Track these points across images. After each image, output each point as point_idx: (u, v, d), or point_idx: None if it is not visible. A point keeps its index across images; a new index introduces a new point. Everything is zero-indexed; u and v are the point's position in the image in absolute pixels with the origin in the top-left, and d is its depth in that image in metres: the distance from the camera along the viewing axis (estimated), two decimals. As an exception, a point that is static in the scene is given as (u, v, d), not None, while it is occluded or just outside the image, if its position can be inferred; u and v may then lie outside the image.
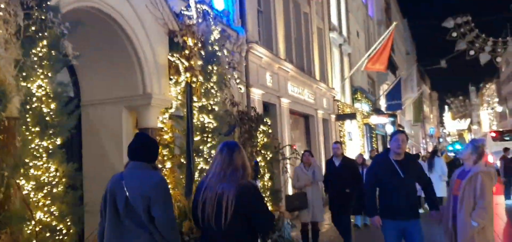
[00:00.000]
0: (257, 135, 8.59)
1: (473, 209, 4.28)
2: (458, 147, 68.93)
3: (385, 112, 25.05)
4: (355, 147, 19.91)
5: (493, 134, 30.18)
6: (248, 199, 2.79)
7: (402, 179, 4.72)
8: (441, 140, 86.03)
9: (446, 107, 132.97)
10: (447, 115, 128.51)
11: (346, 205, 7.28)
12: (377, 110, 25.22)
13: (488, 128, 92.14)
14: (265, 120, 8.69)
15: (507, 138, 27.52)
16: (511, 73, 72.05)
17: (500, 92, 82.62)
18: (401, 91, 26.16)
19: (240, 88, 8.02)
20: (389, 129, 30.89)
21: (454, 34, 31.82)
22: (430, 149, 62.78)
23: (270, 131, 8.93)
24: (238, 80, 7.65)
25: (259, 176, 7.79)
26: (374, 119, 21.07)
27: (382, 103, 29.71)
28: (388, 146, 5.07)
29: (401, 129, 22.41)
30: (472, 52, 31.23)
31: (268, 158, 8.65)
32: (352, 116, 17.30)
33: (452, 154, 44.93)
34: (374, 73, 30.70)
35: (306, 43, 15.07)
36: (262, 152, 8.36)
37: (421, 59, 72.46)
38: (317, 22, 16.52)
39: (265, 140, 8.63)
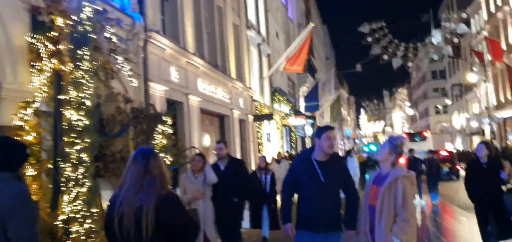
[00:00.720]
0: (156, 136, 7.56)
1: (394, 222, 3.55)
2: (372, 147, 72.94)
3: (304, 113, 25.00)
4: (274, 148, 19.46)
5: (404, 135, 32.37)
6: (169, 211, 2.59)
7: (322, 183, 3.93)
8: (357, 141, 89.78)
9: (362, 110, 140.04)
10: (363, 118, 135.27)
11: (233, 218, 5.95)
12: (296, 112, 25.10)
13: (400, 129, 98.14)
14: (164, 119, 7.68)
15: (417, 139, 30.05)
16: (421, 79, 77.05)
17: (411, 97, 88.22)
18: (319, 93, 26.32)
19: (132, 81, 6.89)
20: (309, 131, 31.14)
21: (369, 39, 32.85)
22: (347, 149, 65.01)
23: (171, 131, 7.94)
24: (130, 72, 6.53)
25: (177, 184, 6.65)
26: (293, 121, 20.80)
27: (302, 105, 29.86)
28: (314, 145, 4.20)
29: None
30: (385, 57, 32.42)
31: (169, 162, 7.66)
32: (269, 117, 16.76)
33: (365, 155, 46.95)
34: (294, 76, 30.76)
35: (220, 39, 14.23)
36: (162, 155, 7.32)
37: (339, 64, 74.96)
38: (233, 18, 15.77)
39: (165, 141, 7.62)
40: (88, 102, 4.93)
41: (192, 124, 10.82)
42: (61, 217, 4.85)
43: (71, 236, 4.83)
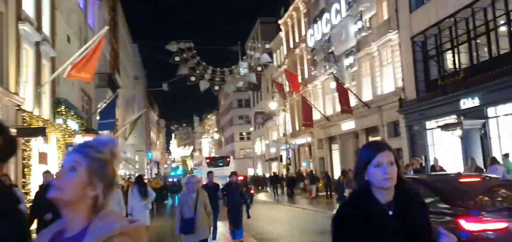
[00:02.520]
0: None
1: None
2: (179, 172, 72.42)
3: (97, 131, 21.77)
4: (52, 170, 15.87)
5: (208, 160, 34.01)
6: None
7: None
8: (165, 165, 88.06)
9: (173, 135, 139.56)
10: (173, 142, 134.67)
11: None
12: (88, 130, 21.68)
13: (208, 154, 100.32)
14: None
15: (220, 164, 30.78)
16: (228, 106, 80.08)
17: (219, 123, 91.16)
18: (116, 110, 23.46)
19: None
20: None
21: (177, 59, 31.57)
22: (153, 175, 62.47)
23: None
24: None
25: None
26: (80, 139, 17.51)
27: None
28: None
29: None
30: (193, 78, 31.52)
31: None
32: (40, 131, 13.32)
33: (173, 179, 45.48)
34: (91, 90, 27.16)
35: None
36: None
37: (150, 85, 72.26)
38: (-5, 2, 12.10)
39: None
40: None
41: None
42: None
43: None
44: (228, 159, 35.47)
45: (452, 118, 18.28)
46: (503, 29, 16.32)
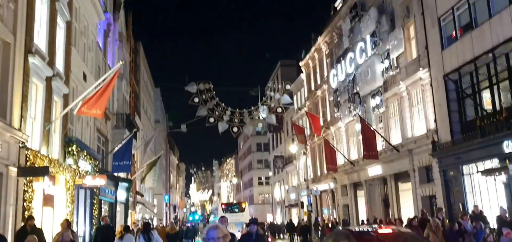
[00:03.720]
0: None
1: None
2: (197, 216, 70.86)
3: (112, 174, 20.73)
4: (59, 215, 14.74)
5: (223, 205, 34.02)
6: None
7: None
8: (184, 209, 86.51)
9: (193, 179, 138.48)
10: (193, 186, 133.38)
11: None
12: (103, 172, 20.66)
13: (226, 198, 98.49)
14: None
15: (235, 209, 30.09)
16: (247, 150, 78.94)
17: (238, 167, 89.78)
18: (133, 153, 22.46)
19: None
20: (121, 196, 26.61)
21: (196, 100, 30.82)
22: (172, 218, 60.93)
23: None
24: None
25: None
26: (89, 181, 16.45)
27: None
28: None
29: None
30: (211, 120, 30.60)
31: None
32: (43, 171, 12.25)
33: (189, 224, 44.04)
34: (109, 131, 26.39)
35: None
36: None
37: (170, 127, 72.01)
38: (2, 32, 11.36)
39: None
40: None
41: None
42: None
43: None
44: (243, 205, 34.15)
45: (494, 163, 16.61)
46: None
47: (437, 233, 8.92)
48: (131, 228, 17.03)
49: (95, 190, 19.50)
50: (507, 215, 12.90)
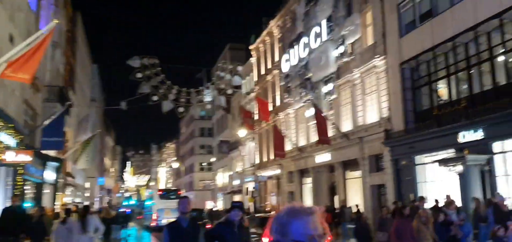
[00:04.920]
0: None
1: None
2: (132, 202, 67.89)
3: (40, 151, 18.44)
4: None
5: (159, 192, 32.32)
6: None
7: None
8: (118, 195, 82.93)
9: (128, 163, 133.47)
10: (128, 170, 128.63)
11: None
12: (29, 147, 18.31)
13: (164, 184, 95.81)
14: None
15: (172, 196, 28.71)
16: (189, 135, 76.85)
17: (179, 152, 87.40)
18: (64, 128, 20.21)
19: None
20: (50, 176, 24.09)
21: (139, 75, 28.68)
22: (104, 204, 57.91)
23: None
24: None
25: None
26: (10, 157, 14.28)
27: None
28: None
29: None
30: (155, 98, 28.65)
31: None
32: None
33: (123, 209, 41.67)
34: (38, 103, 23.73)
35: None
36: None
37: (107, 105, 68.30)
38: None
39: None
40: None
41: None
42: None
43: None
44: (179, 192, 32.87)
45: (449, 153, 16.42)
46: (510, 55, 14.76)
47: (427, 225, 8.08)
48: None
49: (18, 168, 17.12)
50: (505, 203, 11.78)
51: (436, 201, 14.58)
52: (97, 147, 38.92)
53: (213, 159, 62.18)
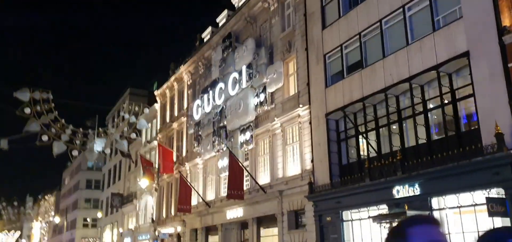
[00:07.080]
0: None
1: None
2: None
3: None
4: None
5: None
6: None
7: None
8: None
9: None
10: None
11: None
12: None
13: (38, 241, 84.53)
14: None
15: None
16: (74, 186, 69.50)
17: (58, 205, 78.33)
18: None
19: None
20: None
21: (28, 111, 24.41)
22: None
23: None
24: None
25: None
26: None
27: None
28: None
29: None
30: (45, 138, 24.44)
31: None
32: None
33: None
34: None
35: None
36: None
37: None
38: None
39: None
40: None
41: None
42: None
43: None
44: None
45: (381, 209, 15.67)
46: (439, 111, 14.72)
47: None
48: None
49: None
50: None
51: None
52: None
53: (99, 214, 56.22)
